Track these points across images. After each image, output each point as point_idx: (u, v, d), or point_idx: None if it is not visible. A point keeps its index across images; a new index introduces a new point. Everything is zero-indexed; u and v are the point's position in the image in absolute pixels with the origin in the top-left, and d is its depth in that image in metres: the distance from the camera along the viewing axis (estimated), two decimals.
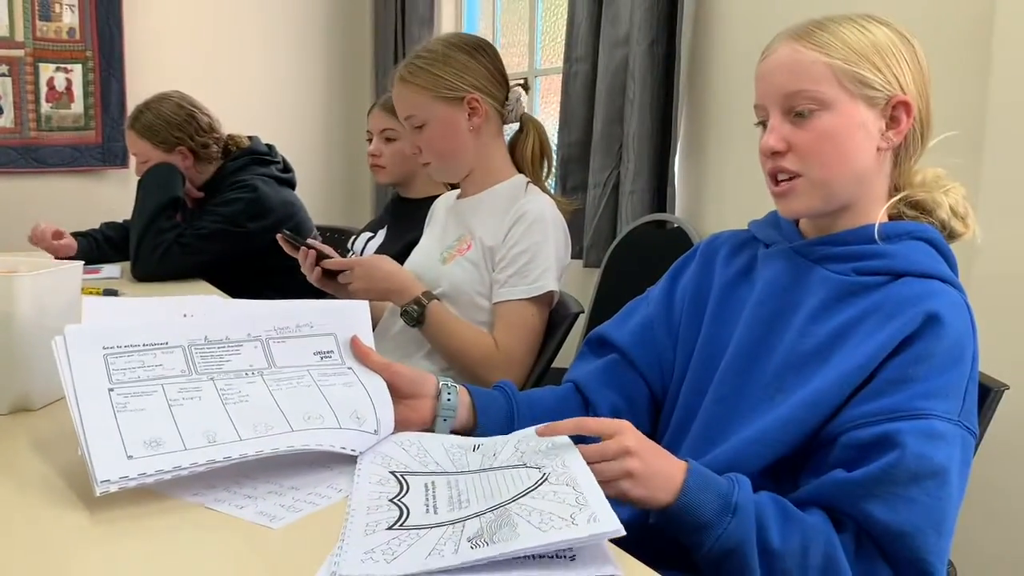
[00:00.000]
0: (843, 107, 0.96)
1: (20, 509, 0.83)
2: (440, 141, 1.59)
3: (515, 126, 1.69)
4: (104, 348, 0.92)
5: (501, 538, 0.71)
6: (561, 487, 0.79)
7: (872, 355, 0.91)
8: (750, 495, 0.87)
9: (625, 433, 0.87)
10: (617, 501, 0.88)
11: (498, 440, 0.96)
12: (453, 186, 2.10)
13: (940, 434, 0.86)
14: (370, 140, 2.22)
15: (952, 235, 1.02)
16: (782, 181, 0.99)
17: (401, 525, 0.78)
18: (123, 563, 0.74)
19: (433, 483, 0.88)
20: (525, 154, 1.64)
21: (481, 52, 1.59)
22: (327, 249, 1.62)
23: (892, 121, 0.98)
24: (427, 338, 1.56)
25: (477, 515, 0.77)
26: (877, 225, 0.98)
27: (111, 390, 0.89)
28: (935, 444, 0.85)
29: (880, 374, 0.90)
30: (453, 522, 0.77)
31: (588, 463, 0.84)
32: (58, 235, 2.39)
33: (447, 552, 0.71)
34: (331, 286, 1.61)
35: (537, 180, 1.65)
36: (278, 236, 1.64)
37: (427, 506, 0.82)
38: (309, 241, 1.62)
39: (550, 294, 1.54)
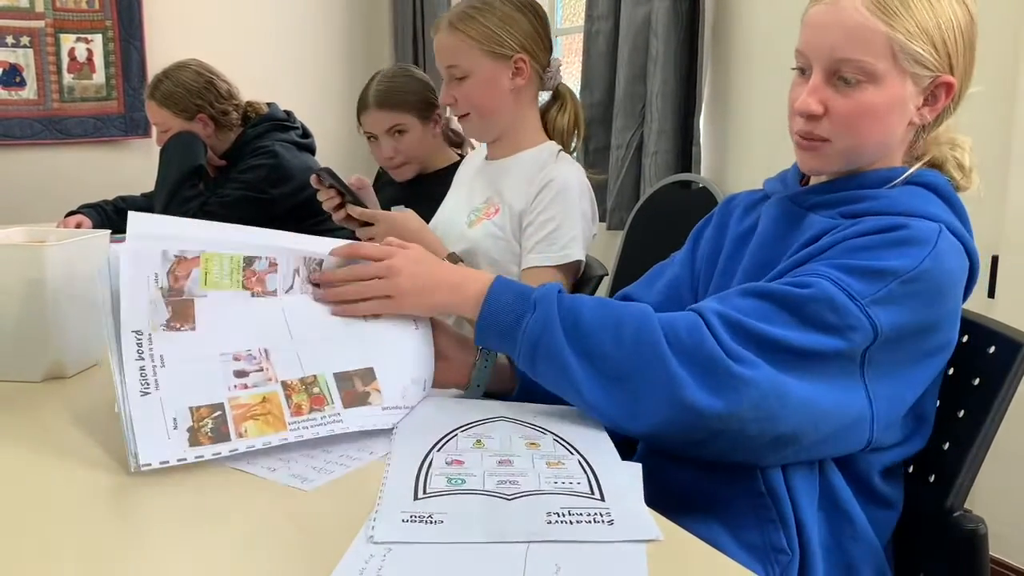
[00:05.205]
0: (890, 84, 0.93)
1: (58, 473, 0.85)
2: (479, 96, 1.57)
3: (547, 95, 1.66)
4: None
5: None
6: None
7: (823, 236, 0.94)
8: (553, 293, 0.93)
9: (394, 255, 0.98)
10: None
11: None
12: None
13: (841, 306, 0.86)
14: (370, 140, 2.10)
15: (957, 188, 1.01)
16: (808, 140, 0.98)
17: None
18: (158, 526, 0.75)
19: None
20: (559, 125, 1.63)
21: (532, 12, 1.57)
22: (364, 195, 1.59)
23: (931, 97, 0.95)
24: None
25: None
26: (909, 170, 0.96)
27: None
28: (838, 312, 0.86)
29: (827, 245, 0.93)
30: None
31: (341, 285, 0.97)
32: (78, 225, 2.39)
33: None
34: (354, 224, 1.56)
35: (567, 150, 1.63)
36: (312, 177, 1.57)
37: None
38: (340, 182, 1.55)
39: (577, 263, 1.52)
